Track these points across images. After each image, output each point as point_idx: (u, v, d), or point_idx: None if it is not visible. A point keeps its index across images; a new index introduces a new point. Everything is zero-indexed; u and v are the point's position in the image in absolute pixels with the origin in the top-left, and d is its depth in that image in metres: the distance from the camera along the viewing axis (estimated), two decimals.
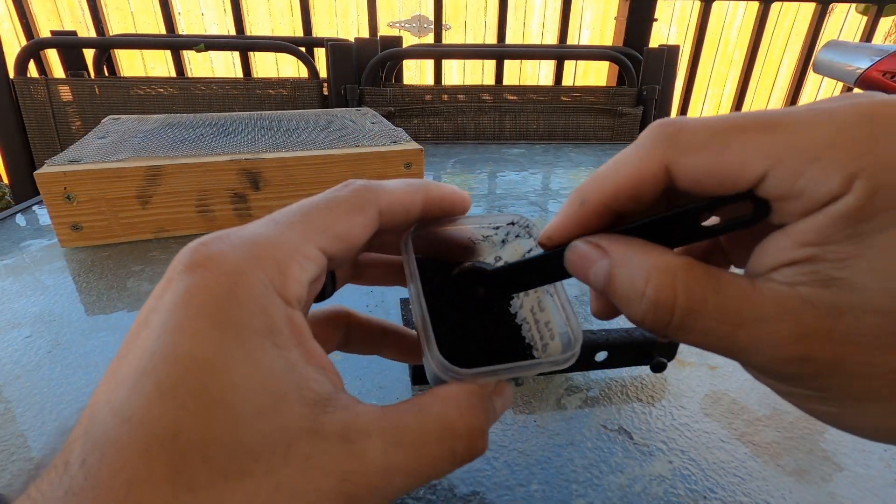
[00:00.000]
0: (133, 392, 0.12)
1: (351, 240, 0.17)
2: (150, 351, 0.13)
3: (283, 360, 0.14)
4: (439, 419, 0.16)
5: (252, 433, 0.13)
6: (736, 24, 3.33)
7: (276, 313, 0.14)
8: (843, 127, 0.13)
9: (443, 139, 1.08)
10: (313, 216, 0.16)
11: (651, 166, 0.15)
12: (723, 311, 0.14)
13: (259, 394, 0.13)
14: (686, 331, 0.14)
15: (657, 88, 1.11)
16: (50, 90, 1.03)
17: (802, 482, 0.26)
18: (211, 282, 0.14)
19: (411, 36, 3.19)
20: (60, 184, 0.48)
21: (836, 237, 0.13)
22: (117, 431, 0.12)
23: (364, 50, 1.11)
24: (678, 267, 0.14)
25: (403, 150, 0.58)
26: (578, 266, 0.17)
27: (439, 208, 0.20)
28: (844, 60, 0.37)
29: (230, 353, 0.13)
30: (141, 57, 2.92)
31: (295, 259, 0.15)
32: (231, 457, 0.12)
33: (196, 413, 0.12)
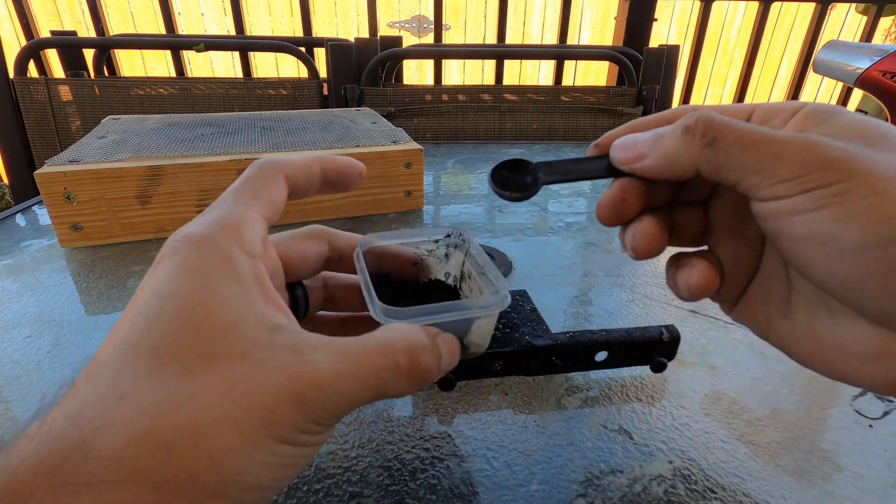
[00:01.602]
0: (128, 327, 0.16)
1: (275, 202, 0.21)
2: (144, 300, 0.17)
3: (245, 295, 0.17)
4: (381, 339, 0.18)
5: (215, 343, 0.16)
6: (736, 24, 3.33)
7: (240, 263, 0.18)
8: None
9: (443, 139, 1.08)
10: (244, 193, 0.20)
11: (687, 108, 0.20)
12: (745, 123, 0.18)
13: (222, 315, 0.17)
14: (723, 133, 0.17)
15: (657, 88, 1.11)
16: (50, 90, 1.03)
17: (802, 482, 0.26)
18: (189, 250, 0.18)
19: (411, 36, 3.19)
20: (60, 184, 0.48)
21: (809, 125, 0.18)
22: (113, 353, 0.16)
23: (364, 50, 1.11)
24: None
25: (403, 150, 0.58)
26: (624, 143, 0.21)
27: (336, 173, 0.24)
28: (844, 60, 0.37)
29: (201, 289, 0.17)
30: (141, 57, 2.92)
31: (245, 223, 0.19)
32: (197, 360, 0.16)
33: (173, 331, 0.16)
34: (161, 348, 0.16)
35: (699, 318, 0.40)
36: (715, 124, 0.17)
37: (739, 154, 0.17)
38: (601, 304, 0.42)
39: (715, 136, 0.17)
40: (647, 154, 0.19)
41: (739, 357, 0.36)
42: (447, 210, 0.63)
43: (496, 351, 0.32)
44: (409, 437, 0.29)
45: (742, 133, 0.17)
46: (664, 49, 1.11)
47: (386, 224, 0.58)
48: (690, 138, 0.18)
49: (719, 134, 0.17)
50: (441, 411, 0.30)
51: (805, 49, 1.32)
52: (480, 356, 0.27)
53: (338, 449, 0.28)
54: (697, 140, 0.18)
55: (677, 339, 0.32)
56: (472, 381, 0.33)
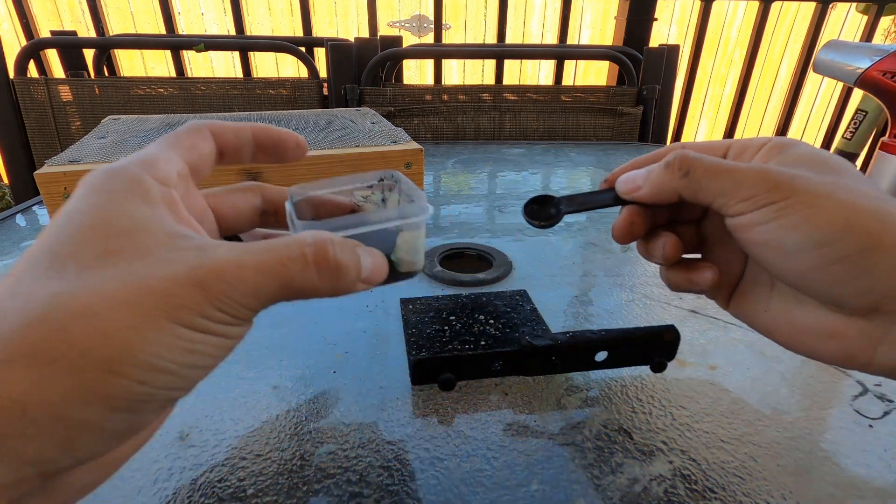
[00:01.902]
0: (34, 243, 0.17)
1: (198, 150, 0.23)
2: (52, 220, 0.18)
3: (151, 212, 0.18)
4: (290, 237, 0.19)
5: (116, 244, 0.17)
6: (736, 24, 3.33)
7: (150, 187, 0.19)
8: None
9: (443, 139, 1.08)
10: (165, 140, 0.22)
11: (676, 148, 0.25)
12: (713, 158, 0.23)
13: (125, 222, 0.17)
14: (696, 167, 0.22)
15: (657, 88, 1.11)
16: (50, 90, 1.03)
17: (802, 482, 0.26)
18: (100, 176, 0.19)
19: (411, 36, 3.19)
20: (60, 184, 0.48)
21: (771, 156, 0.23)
22: (19, 260, 0.17)
23: (364, 50, 1.11)
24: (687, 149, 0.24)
25: (403, 150, 0.58)
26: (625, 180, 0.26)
27: (270, 139, 0.25)
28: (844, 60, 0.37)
29: (107, 204, 0.18)
30: (141, 57, 2.92)
31: (160, 158, 0.20)
32: (97, 258, 0.16)
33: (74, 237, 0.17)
34: (61, 252, 0.16)
35: (699, 318, 0.40)
36: (688, 160, 0.23)
37: (708, 182, 0.22)
38: (601, 304, 0.42)
39: (689, 169, 0.23)
40: (642, 185, 0.25)
41: (739, 357, 0.36)
42: (447, 210, 0.63)
43: (496, 351, 0.32)
44: (409, 437, 0.29)
45: (708, 166, 0.22)
46: (664, 49, 1.11)
47: None
48: (671, 171, 0.23)
49: (691, 167, 0.23)
50: (441, 411, 0.30)
51: (805, 49, 1.32)
52: None
53: (338, 449, 0.28)
54: (676, 173, 0.23)
55: (677, 339, 0.32)
56: (472, 381, 0.33)
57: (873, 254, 0.19)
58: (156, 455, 0.27)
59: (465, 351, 0.31)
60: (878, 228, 0.19)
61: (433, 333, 0.34)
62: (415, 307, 0.37)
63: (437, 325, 0.35)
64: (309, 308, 0.41)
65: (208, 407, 0.30)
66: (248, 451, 0.27)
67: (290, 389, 0.32)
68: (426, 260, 0.48)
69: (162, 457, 0.27)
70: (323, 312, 0.40)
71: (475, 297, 0.38)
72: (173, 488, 0.25)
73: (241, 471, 0.26)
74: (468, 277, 0.45)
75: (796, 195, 0.20)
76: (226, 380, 0.33)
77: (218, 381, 0.32)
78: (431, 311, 0.36)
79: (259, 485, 0.25)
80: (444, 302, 0.38)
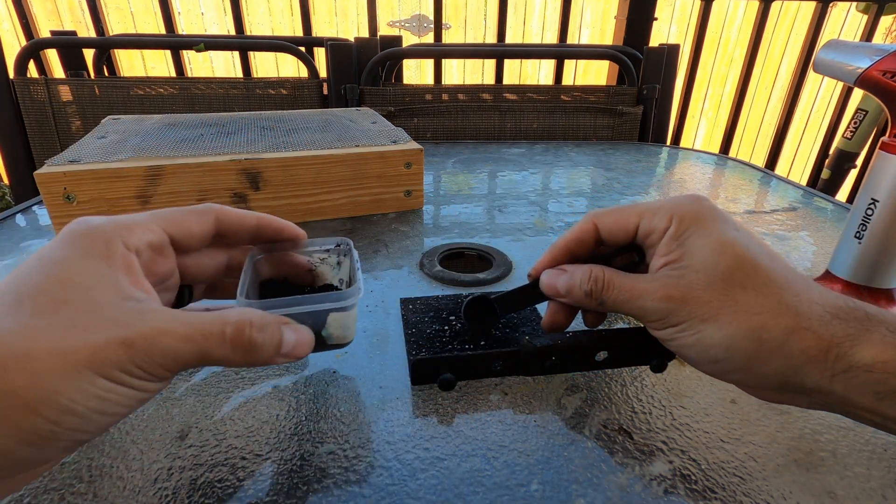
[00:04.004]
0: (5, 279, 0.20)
1: (190, 230, 0.26)
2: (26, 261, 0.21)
3: (109, 272, 0.21)
4: (218, 313, 0.22)
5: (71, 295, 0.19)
6: (736, 23, 3.32)
7: (116, 251, 0.22)
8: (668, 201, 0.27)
9: (443, 139, 1.08)
10: (164, 213, 0.25)
11: (587, 222, 0.30)
12: (626, 280, 0.27)
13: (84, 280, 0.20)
14: (609, 291, 0.27)
15: (657, 87, 1.10)
16: (50, 90, 1.03)
17: (802, 482, 0.26)
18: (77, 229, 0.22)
19: (411, 35, 3.19)
20: (60, 184, 0.48)
21: (673, 247, 0.26)
22: None
23: (364, 49, 1.11)
24: (602, 268, 0.28)
25: (403, 149, 0.58)
26: (547, 281, 0.30)
27: (271, 229, 0.29)
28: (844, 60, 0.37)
29: (74, 258, 0.21)
30: (141, 57, 2.92)
31: (140, 227, 0.23)
32: (51, 304, 0.19)
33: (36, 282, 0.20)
34: (23, 293, 0.19)
35: None
36: (602, 293, 0.27)
37: (620, 309, 0.27)
38: None
39: (603, 300, 0.27)
40: (564, 296, 0.29)
41: None
42: (447, 210, 0.63)
43: (496, 351, 0.32)
44: (409, 437, 0.29)
45: (616, 299, 0.27)
46: (664, 48, 1.11)
47: (386, 224, 0.58)
48: (588, 298, 0.28)
49: (605, 299, 0.27)
50: (441, 411, 0.30)
51: (805, 48, 1.32)
52: None
53: (338, 449, 0.28)
54: (593, 301, 0.28)
55: None
56: (472, 381, 0.33)
57: (756, 367, 0.23)
58: (156, 455, 0.27)
59: (465, 351, 0.31)
60: (752, 349, 0.23)
61: (433, 333, 0.34)
62: (415, 307, 0.37)
63: (437, 325, 0.35)
64: None
65: (208, 407, 0.30)
66: (248, 451, 0.27)
67: (290, 389, 0.32)
68: (427, 260, 0.48)
69: (162, 457, 0.27)
70: None
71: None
72: (173, 488, 0.25)
73: (241, 471, 0.26)
74: (468, 277, 0.45)
75: (688, 319, 0.24)
76: (226, 380, 0.33)
77: (218, 381, 0.32)
78: (431, 311, 0.36)
79: (259, 485, 0.25)
80: (444, 302, 0.38)
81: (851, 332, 0.22)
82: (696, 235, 0.25)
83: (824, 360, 0.22)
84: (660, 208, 0.27)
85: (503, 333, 0.33)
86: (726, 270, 0.24)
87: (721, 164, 0.88)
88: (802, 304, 0.23)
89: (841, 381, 0.22)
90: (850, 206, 0.42)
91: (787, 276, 0.24)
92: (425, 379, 0.32)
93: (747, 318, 0.23)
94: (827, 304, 0.23)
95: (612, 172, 0.81)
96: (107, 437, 0.28)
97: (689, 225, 0.26)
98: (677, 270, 0.25)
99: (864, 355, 0.22)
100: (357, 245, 0.52)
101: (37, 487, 0.25)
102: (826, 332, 0.22)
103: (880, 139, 0.38)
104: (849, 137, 1.51)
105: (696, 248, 0.25)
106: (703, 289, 0.24)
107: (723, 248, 0.25)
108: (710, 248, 0.25)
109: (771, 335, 0.22)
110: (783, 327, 0.22)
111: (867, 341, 0.22)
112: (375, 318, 0.39)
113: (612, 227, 0.29)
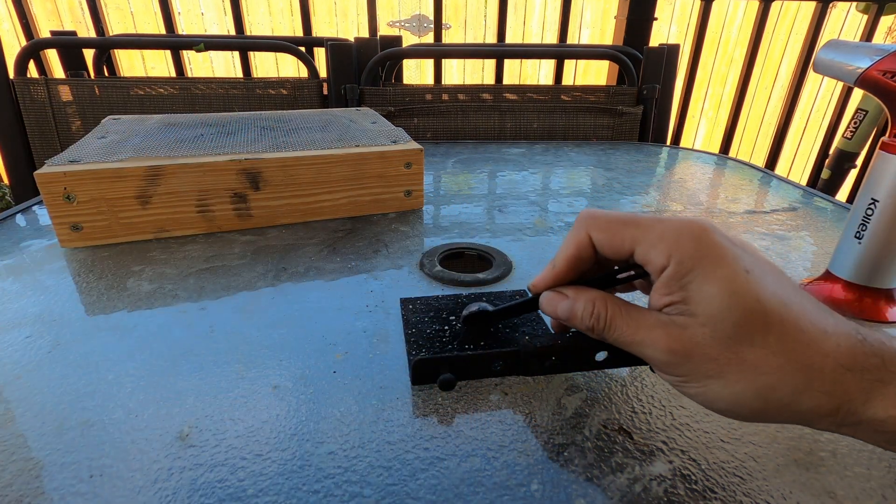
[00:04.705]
0: None
1: None
2: None
3: None
4: None
5: None
6: (736, 23, 3.32)
7: None
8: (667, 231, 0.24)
9: (443, 139, 1.08)
10: None
11: (582, 235, 0.27)
12: (629, 320, 0.25)
13: None
14: (611, 332, 0.26)
15: (657, 87, 1.10)
16: (50, 90, 1.03)
17: (802, 482, 0.26)
18: None
19: (411, 35, 3.19)
20: (60, 184, 0.48)
21: (675, 288, 0.24)
22: None
23: (364, 49, 1.11)
24: (607, 297, 0.27)
25: (403, 149, 0.58)
26: (548, 305, 0.29)
27: None
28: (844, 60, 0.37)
29: None
30: (141, 57, 2.92)
31: None
32: None
33: None
34: None
35: None
36: (604, 332, 0.26)
37: (623, 347, 0.26)
38: None
39: (604, 336, 0.26)
40: (566, 321, 0.28)
41: None
42: (447, 210, 0.63)
43: (496, 351, 0.32)
44: (409, 437, 0.29)
45: (617, 339, 0.26)
46: (664, 48, 1.11)
47: (386, 224, 0.58)
48: (591, 331, 0.27)
49: (607, 335, 0.26)
50: (441, 411, 0.30)
51: (805, 48, 1.32)
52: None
53: (338, 449, 0.28)
54: (595, 334, 0.27)
55: None
56: (472, 381, 0.33)
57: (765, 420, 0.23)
58: (156, 455, 0.27)
59: (465, 351, 0.31)
60: (759, 407, 0.22)
61: (433, 333, 0.34)
62: (415, 307, 0.37)
63: (437, 325, 0.35)
64: (309, 308, 0.41)
65: (208, 407, 0.30)
66: (248, 451, 0.27)
67: (290, 389, 0.32)
68: (427, 260, 0.48)
69: (162, 457, 0.27)
70: (323, 312, 0.40)
71: (475, 297, 0.38)
72: (173, 488, 0.25)
73: (241, 471, 0.26)
74: (468, 277, 0.45)
75: (691, 373, 0.23)
76: (226, 380, 0.33)
77: (218, 381, 0.32)
78: (431, 311, 0.36)
79: (259, 485, 0.25)
80: (444, 302, 0.38)
81: (865, 387, 0.21)
82: (701, 280, 0.23)
83: (834, 415, 0.21)
84: (657, 240, 0.24)
85: (503, 333, 0.33)
86: (734, 324, 0.22)
87: (721, 164, 0.88)
88: (815, 358, 0.22)
89: (850, 430, 0.22)
90: (850, 206, 0.42)
91: (801, 321, 0.22)
92: (425, 379, 0.32)
93: (755, 378, 0.22)
94: (840, 354, 0.22)
95: (612, 172, 0.81)
96: (107, 437, 0.28)
97: (691, 268, 0.23)
98: (681, 318, 0.23)
99: (878, 411, 0.21)
100: (357, 245, 0.52)
101: (37, 487, 0.25)
102: (838, 389, 0.21)
103: (880, 139, 0.38)
104: (849, 137, 1.50)
105: (701, 296, 0.23)
106: (708, 344, 0.22)
107: (732, 299, 0.22)
108: (718, 298, 0.22)
109: (779, 396, 0.22)
110: (792, 387, 0.21)
111: (882, 395, 0.21)
112: (375, 318, 0.39)
113: (605, 245, 0.26)
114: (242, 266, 0.47)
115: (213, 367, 0.34)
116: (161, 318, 0.39)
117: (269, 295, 0.43)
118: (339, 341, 0.37)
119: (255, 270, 0.47)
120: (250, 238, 0.54)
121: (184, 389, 0.32)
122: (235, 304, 0.41)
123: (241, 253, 0.50)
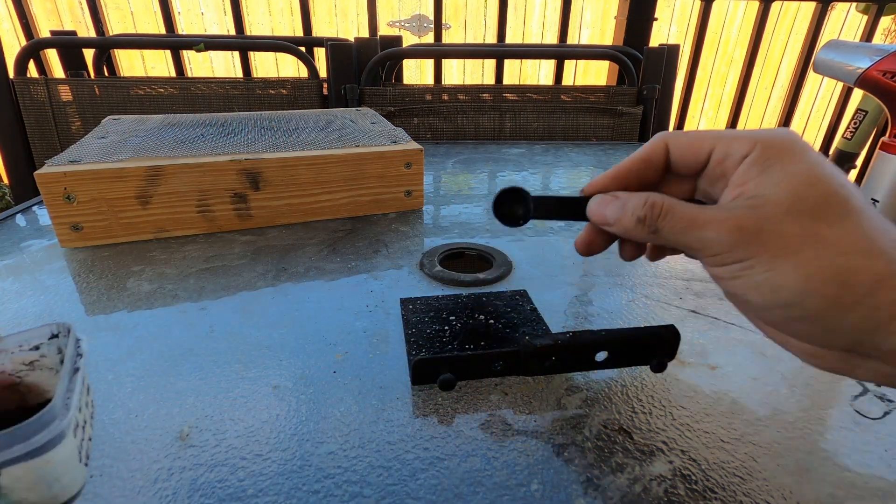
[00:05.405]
0: None
1: None
2: None
3: None
4: None
5: None
6: (736, 24, 3.32)
7: None
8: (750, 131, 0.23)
9: (443, 139, 1.08)
10: None
11: (659, 143, 0.26)
12: (689, 208, 0.23)
13: None
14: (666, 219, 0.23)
15: (657, 88, 1.11)
16: (50, 90, 1.03)
17: (802, 482, 0.26)
18: None
19: (411, 35, 3.19)
20: (60, 184, 0.48)
21: (753, 174, 0.22)
22: None
23: (364, 50, 1.11)
24: (661, 195, 0.24)
25: (403, 149, 0.58)
26: (597, 207, 0.26)
27: None
28: (844, 60, 0.37)
29: None
30: (141, 57, 2.92)
31: None
32: None
33: None
34: None
35: (699, 318, 0.40)
36: (657, 219, 0.24)
37: (676, 239, 0.23)
38: (601, 305, 0.42)
39: (657, 227, 0.24)
40: (612, 224, 0.26)
41: (739, 357, 0.36)
42: (447, 210, 0.63)
43: (496, 351, 0.32)
44: (409, 437, 0.29)
45: (675, 226, 0.23)
46: (664, 48, 1.11)
47: (386, 224, 0.58)
48: (641, 226, 0.24)
49: (660, 226, 0.24)
50: (441, 411, 0.30)
51: (805, 48, 1.32)
52: None
53: (338, 449, 0.28)
54: (646, 228, 0.24)
55: (677, 339, 0.32)
56: (472, 381, 0.33)
57: (832, 317, 0.20)
58: (156, 455, 0.27)
59: (465, 351, 0.32)
60: (833, 294, 0.20)
61: (433, 333, 0.34)
62: (415, 307, 0.37)
63: (437, 325, 0.35)
64: (309, 308, 0.41)
65: (208, 407, 0.30)
66: (248, 452, 0.27)
67: (290, 389, 0.32)
68: (427, 260, 0.48)
69: (162, 457, 0.27)
70: (323, 312, 0.40)
71: (475, 297, 0.38)
72: (173, 488, 0.25)
73: (241, 471, 0.26)
74: (468, 277, 0.45)
75: (759, 254, 0.21)
76: (226, 380, 0.33)
77: (218, 381, 0.32)
78: (431, 311, 0.36)
79: (259, 485, 0.25)
80: (444, 302, 0.38)
81: None
82: (784, 163, 0.21)
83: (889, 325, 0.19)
84: (741, 135, 0.23)
85: (503, 333, 0.33)
86: (815, 204, 0.20)
87: None
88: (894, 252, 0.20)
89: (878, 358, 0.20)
90: None
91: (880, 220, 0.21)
92: (425, 379, 0.32)
93: (833, 258, 0.20)
94: None
95: None
96: (107, 437, 0.28)
97: (776, 152, 0.22)
98: (753, 200, 0.22)
99: None
100: (357, 245, 0.52)
101: None
102: None
103: (880, 139, 0.38)
104: (849, 138, 1.50)
105: (780, 177, 0.21)
106: (783, 221, 0.20)
107: (815, 181, 0.21)
108: (799, 178, 0.21)
109: (859, 280, 0.19)
110: (875, 272, 0.19)
111: None
112: (375, 319, 0.39)
113: (684, 148, 0.25)
114: (242, 266, 0.47)
115: (213, 367, 0.34)
116: (161, 318, 0.39)
117: (269, 295, 0.43)
118: (338, 341, 0.37)
119: (255, 270, 0.47)
120: (250, 238, 0.54)
121: (184, 389, 0.32)
122: (235, 304, 0.41)
123: (241, 253, 0.50)
